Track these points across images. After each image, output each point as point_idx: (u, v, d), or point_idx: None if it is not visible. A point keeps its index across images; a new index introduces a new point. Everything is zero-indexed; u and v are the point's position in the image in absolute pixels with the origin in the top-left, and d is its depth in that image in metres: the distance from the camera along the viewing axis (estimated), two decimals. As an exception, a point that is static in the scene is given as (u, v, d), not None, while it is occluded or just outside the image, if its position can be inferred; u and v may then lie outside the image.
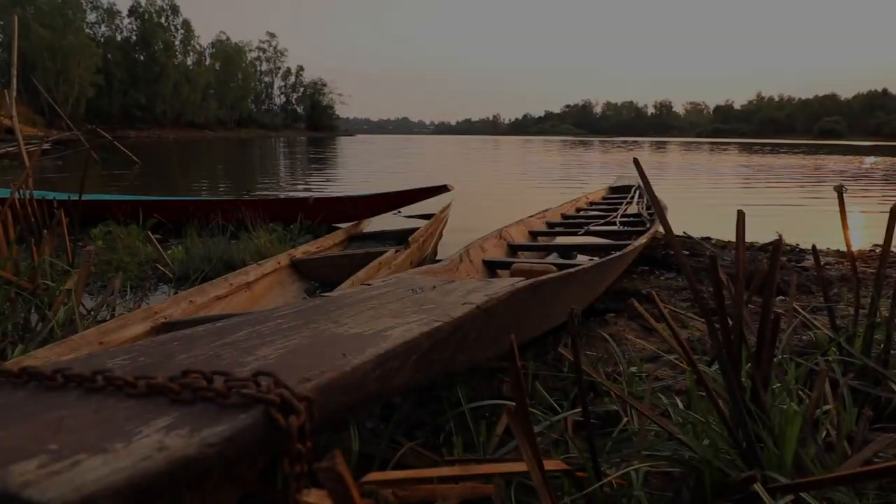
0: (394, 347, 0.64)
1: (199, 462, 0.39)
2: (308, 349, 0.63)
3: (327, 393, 0.51)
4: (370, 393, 0.61)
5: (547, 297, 1.44)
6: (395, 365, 0.65)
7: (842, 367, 1.33)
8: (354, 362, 0.58)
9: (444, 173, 11.74)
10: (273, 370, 0.51)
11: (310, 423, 0.46)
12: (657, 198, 0.97)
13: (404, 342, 0.67)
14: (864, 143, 62.86)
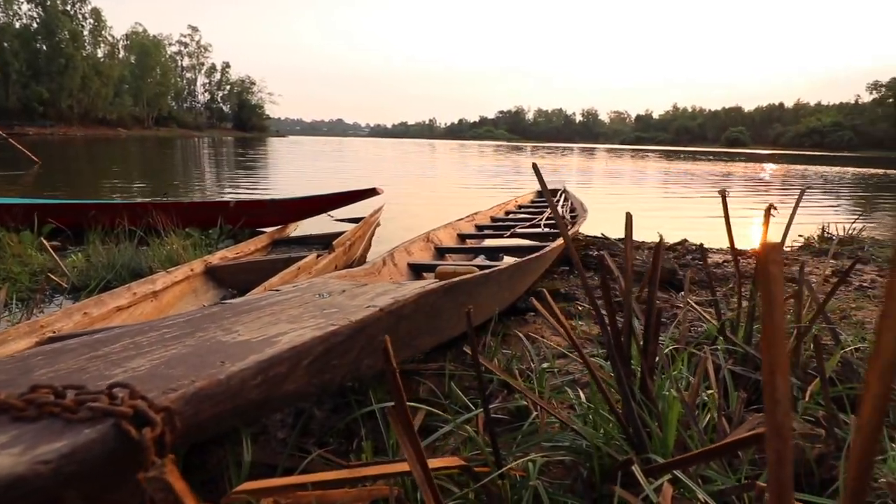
0: (279, 353, 0.63)
1: (30, 481, 0.36)
2: (186, 358, 0.60)
3: (195, 403, 0.49)
4: (252, 400, 0.60)
5: (463, 297, 1.47)
6: (281, 371, 0.64)
7: (727, 354, 1.46)
8: (231, 370, 0.56)
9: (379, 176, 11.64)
10: (137, 382, 0.49)
11: (170, 434, 0.44)
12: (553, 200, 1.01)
13: (292, 347, 0.66)
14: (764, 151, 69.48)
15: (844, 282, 2.55)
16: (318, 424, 1.26)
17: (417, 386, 1.46)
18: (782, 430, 0.28)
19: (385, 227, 4.31)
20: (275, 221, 3.65)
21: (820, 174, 18.94)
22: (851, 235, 4.06)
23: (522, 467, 0.92)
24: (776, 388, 0.28)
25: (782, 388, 0.28)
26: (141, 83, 68.88)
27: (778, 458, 0.27)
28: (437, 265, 2.34)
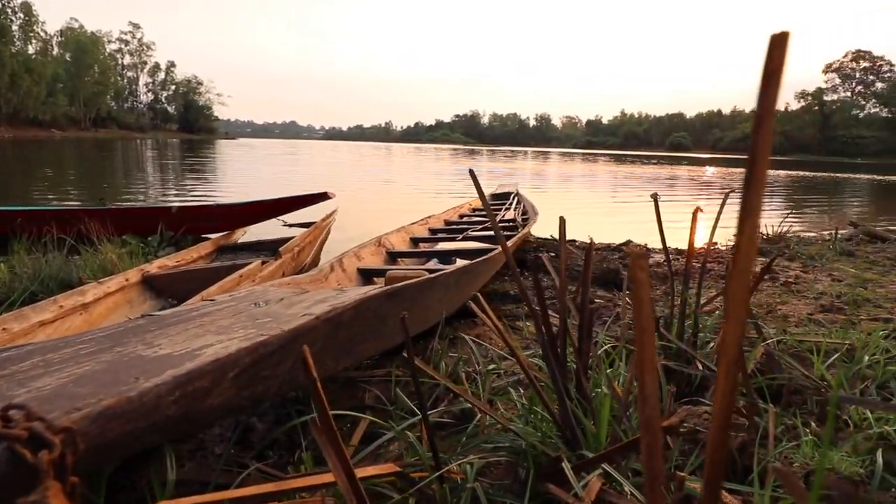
0: (200, 366, 0.61)
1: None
2: (97, 376, 0.57)
3: (102, 422, 0.47)
4: (171, 417, 0.58)
5: (408, 303, 1.47)
6: (204, 385, 0.62)
7: (661, 350, 1.53)
8: (144, 386, 0.54)
9: (334, 180, 11.47)
10: (39, 402, 0.46)
11: (71, 456, 0.42)
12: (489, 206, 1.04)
13: (216, 360, 0.64)
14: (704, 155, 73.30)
15: (766, 278, 2.72)
16: (258, 437, 1.23)
17: (363, 393, 1.45)
18: (652, 425, 0.29)
19: (340, 231, 4.25)
20: (221, 227, 3.53)
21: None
22: (780, 234, 4.35)
23: (462, 470, 0.93)
24: (645, 385, 0.30)
25: (651, 385, 0.29)
26: (77, 82, 64.90)
27: (649, 451, 0.29)
28: (388, 270, 2.34)
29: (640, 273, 0.29)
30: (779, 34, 0.22)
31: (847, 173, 27.61)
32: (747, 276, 0.25)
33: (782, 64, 0.22)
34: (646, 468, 0.30)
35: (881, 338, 1.66)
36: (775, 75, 0.23)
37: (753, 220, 0.24)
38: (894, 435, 1.07)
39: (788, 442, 1.07)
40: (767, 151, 0.24)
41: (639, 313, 0.29)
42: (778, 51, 0.22)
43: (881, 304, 2.24)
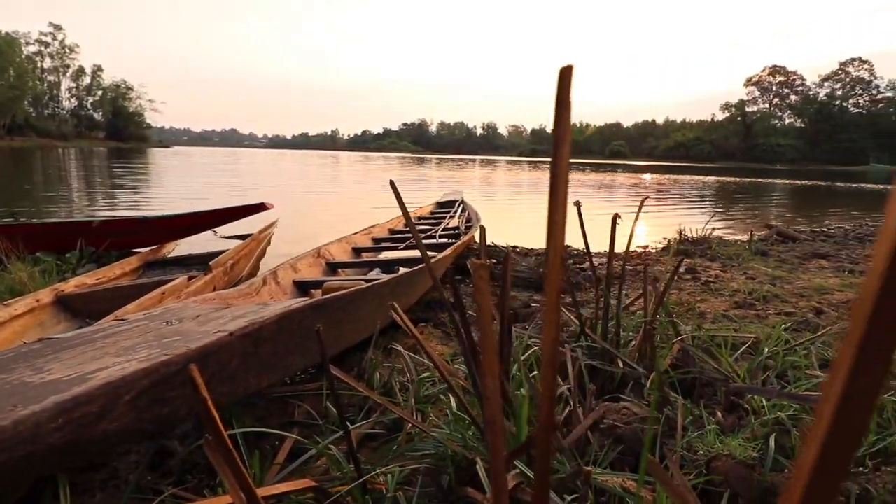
0: (88, 391, 0.59)
1: None
2: (-31, 407, 0.53)
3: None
4: (55, 445, 0.55)
5: (338, 314, 1.46)
6: (92, 410, 0.59)
7: (587, 350, 1.60)
8: (20, 415, 0.51)
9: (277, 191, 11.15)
10: None
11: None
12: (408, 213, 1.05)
13: (106, 383, 0.61)
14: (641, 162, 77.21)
15: (689, 279, 2.90)
16: (177, 461, 1.18)
17: (293, 408, 1.42)
18: (495, 424, 0.32)
19: (285, 244, 4.14)
20: (148, 241, 3.35)
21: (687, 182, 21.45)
22: (704, 236, 4.65)
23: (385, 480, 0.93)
24: (487, 386, 0.32)
25: (492, 386, 0.32)
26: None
27: (494, 449, 0.31)
28: (326, 281, 2.30)
29: (480, 282, 0.31)
30: (565, 67, 0.25)
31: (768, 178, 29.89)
32: (558, 284, 0.27)
33: (569, 93, 0.25)
34: (493, 466, 0.32)
35: (783, 330, 1.82)
36: (565, 103, 0.25)
37: (559, 236, 0.27)
38: (787, 420, 1.17)
39: (695, 432, 1.15)
40: (566, 172, 0.26)
41: (481, 320, 0.31)
42: (565, 82, 0.25)
43: (787, 299, 2.44)
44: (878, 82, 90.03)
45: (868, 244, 4.74)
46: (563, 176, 0.26)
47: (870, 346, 0.15)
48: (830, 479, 0.16)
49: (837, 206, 11.52)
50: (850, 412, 0.16)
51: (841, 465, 0.16)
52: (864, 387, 0.15)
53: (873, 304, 0.15)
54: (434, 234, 4.13)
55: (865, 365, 0.15)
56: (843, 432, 0.16)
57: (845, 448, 0.16)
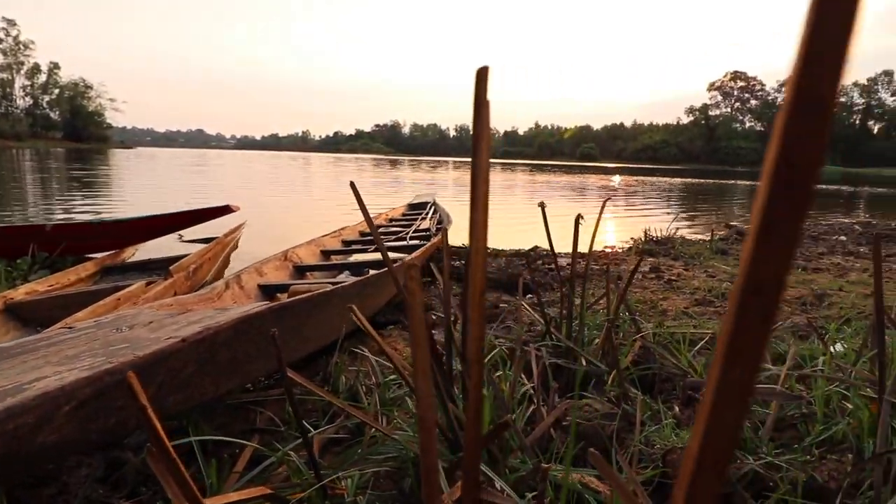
0: (22, 402, 0.56)
1: None
2: None
3: None
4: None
5: (301, 318, 1.44)
6: (28, 421, 0.57)
7: (552, 349, 1.62)
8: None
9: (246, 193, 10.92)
10: None
11: None
12: (369, 216, 1.05)
13: (43, 394, 0.59)
14: (611, 164, 78.90)
15: (652, 277, 2.98)
16: (132, 472, 1.14)
17: (255, 415, 1.39)
18: (427, 423, 0.32)
19: (254, 248, 4.05)
20: (107, 246, 3.23)
21: (655, 183, 22.02)
22: (669, 236, 4.78)
23: (346, 485, 0.92)
24: (419, 387, 0.32)
25: (424, 387, 0.32)
26: (-66, 84, 56.60)
27: (425, 448, 0.31)
28: (292, 285, 2.27)
29: (411, 283, 0.31)
30: (481, 69, 0.25)
31: (730, 180, 30.94)
32: (481, 285, 0.28)
33: (486, 93, 0.25)
34: (423, 465, 0.32)
35: (739, 326, 1.88)
36: (484, 105, 0.25)
37: (480, 236, 0.27)
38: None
39: (653, 426, 1.17)
40: (486, 171, 0.26)
41: (413, 322, 0.31)
42: (482, 84, 0.25)
43: (744, 295, 2.53)
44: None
45: (821, 242, 4.96)
46: (483, 175, 0.26)
47: (738, 342, 0.16)
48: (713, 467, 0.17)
49: (794, 206, 11.99)
50: (725, 405, 0.16)
51: (721, 453, 0.17)
52: (736, 380, 0.16)
53: (739, 301, 0.15)
54: (405, 236, 4.12)
55: (735, 359, 0.16)
56: (720, 424, 0.17)
57: (723, 439, 0.17)
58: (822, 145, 0.13)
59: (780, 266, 0.15)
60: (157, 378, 0.81)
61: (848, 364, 1.35)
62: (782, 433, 1.21)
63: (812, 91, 0.13)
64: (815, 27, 0.13)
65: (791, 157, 0.14)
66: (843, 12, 0.12)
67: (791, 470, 1.02)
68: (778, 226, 0.14)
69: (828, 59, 0.13)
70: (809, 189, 0.14)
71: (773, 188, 0.14)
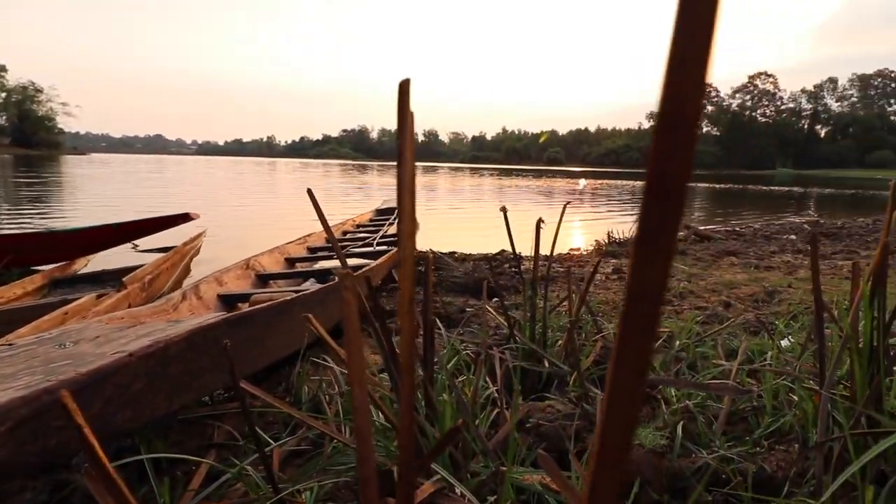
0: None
1: None
2: None
3: None
4: None
5: (261, 328, 1.41)
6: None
7: (517, 352, 1.64)
8: None
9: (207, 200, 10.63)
10: None
11: None
12: (327, 223, 1.04)
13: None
14: (577, 168, 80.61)
15: (615, 278, 3.06)
16: (79, 495, 1.08)
17: (213, 430, 1.35)
18: (364, 433, 0.31)
19: (217, 256, 3.94)
20: (56, 257, 3.08)
21: (619, 187, 22.60)
22: (630, 237, 4.91)
23: (305, 498, 0.90)
24: (356, 396, 0.32)
25: (361, 397, 0.31)
26: None
27: (363, 458, 0.31)
28: (254, 294, 2.22)
29: (347, 293, 0.31)
30: (403, 81, 0.25)
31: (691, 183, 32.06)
32: (410, 291, 0.28)
33: (409, 104, 0.25)
34: (361, 475, 0.32)
35: (695, 323, 1.95)
36: (407, 116, 0.26)
37: (408, 244, 0.27)
38: (694, 408, 1.25)
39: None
40: (412, 180, 0.27)
41: (348, 332, 0.31)
42: (405, 96, 0.25)
43: (701, 294, 2.62)
44: (782, 94, 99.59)
45: (773, 241, 5.19)
46: (408, 185, 0.27)
47: (626, 346, 0.16)
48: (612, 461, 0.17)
49: (749, 207, 12.56)
50: (619, 404, 0.17)
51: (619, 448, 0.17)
52: (627, 381, 0.17)
53: (624, 308, 0.16)
54: (372, 241, 4.09)
55: (625, 362, 0.17)
56: (615, 422, 0.17)
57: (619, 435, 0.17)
58: (689, 160, 0.14)
59: (659, 273, 0.15)
60: (104, 395, 0.78)
61: (794, 358, 1.42)
62: (735, 426, 1.25)
63: (677, 111, 0.14)
64: (676, 57, 0.14)
65: (661, 172, 0.14)
66: (700, 45, 0.13)
67: (742, 462, 1.06)
68: (654, 236, 0.15)
69: (689, 84, 0.14)
70: (679, 201, 0.15)
71: (647, 201, 0.15)
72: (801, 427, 1.17)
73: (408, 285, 0.28)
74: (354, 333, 0.31)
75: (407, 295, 0.27)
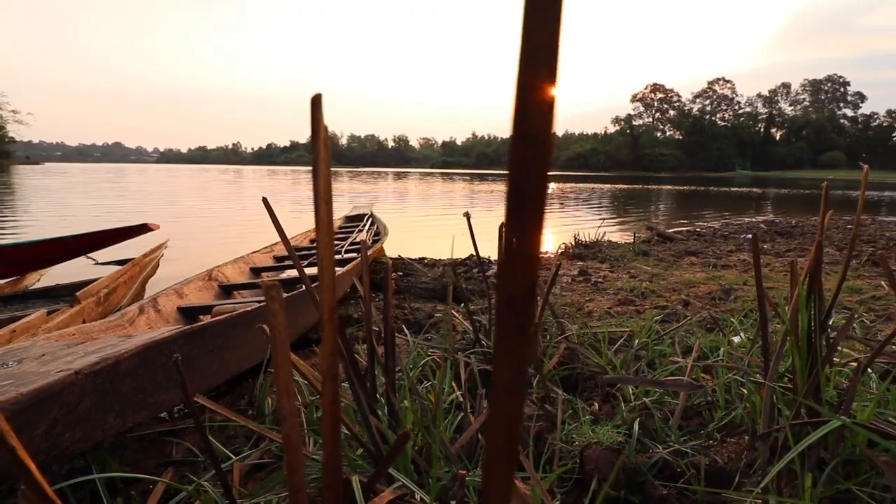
0: None
1: None
2: None
3: None
4: None
5: (220, 340, 1.38)
6: None
7: (483, 356, 1.65)
8: None
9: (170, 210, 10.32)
10: None
11: None
12: (284, 234, 1.03)
13: None
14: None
15: (580, 280, 3.12)
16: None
17: (172, 447, 1.31)
18: (292, 442, 0.32)
19: (181, 269, 3.83)
20: (5, 272, 2.94)
21: (587, 190, 23.04)
22: (597, 240, 5.02)
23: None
24: (283, 406, 0.32)
25: (288, 407, 0.32)
26: None
27: (292, 467, 0.31)
28: (216, 305, 2.16)
29: (273, 304, 0.31)
30: (315, 97, 0.26)
31: (655, 185, 32.98)
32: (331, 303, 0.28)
33: (322, 119, 0.26)
34: (290, 481, 0.32)
35: (655, 322, 2.00)
36: (321, 130, 0.26)
37: (327, 256, 0.28)
38: (651, 404, 1.29)
39: (573, 424, 1.22)
40: (329, 192, 0.27)
41: (275, 340, 0.31)
42: (317, 111, 0.26)
43: (662, 293, 2.70)
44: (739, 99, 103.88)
45: (731, 240, 5.39)
46: (325, 196, 0.27)
47: (502, 349, 0.17)
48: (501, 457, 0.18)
49: (710, 208, 13.00)
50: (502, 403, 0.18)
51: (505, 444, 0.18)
52: (506, 382, 0.18)
53: (497, 314, 0.17)
54: (340, 249, 4.06)
55: (503, 363, 0.18)
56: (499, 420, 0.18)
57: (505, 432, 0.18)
58: (543, 174, 0.15)
59: (525, 280, 0.16)
60: (48, 415, 0.75)
61: (745, 353, 1.48)
62: (690, 421, 1.30)
63: (529, 129, 0.15)
64: (524, 81, 0.15)
65: (519, 184, 0.15)
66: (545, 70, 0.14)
67: (695, 455, 1.10)
68: (517, 245, 0.16)
69: (538, 105, 0.15)
70: (539, 212, 0.16)
71: (509, 212, 0.16)
72: (752, 419, 1.22)
73: (328, 296, 0.28)
74: (281, 343, 0.32)
75: (328, 304, 0.28)
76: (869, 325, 2.08)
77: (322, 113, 0.26)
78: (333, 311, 0.29)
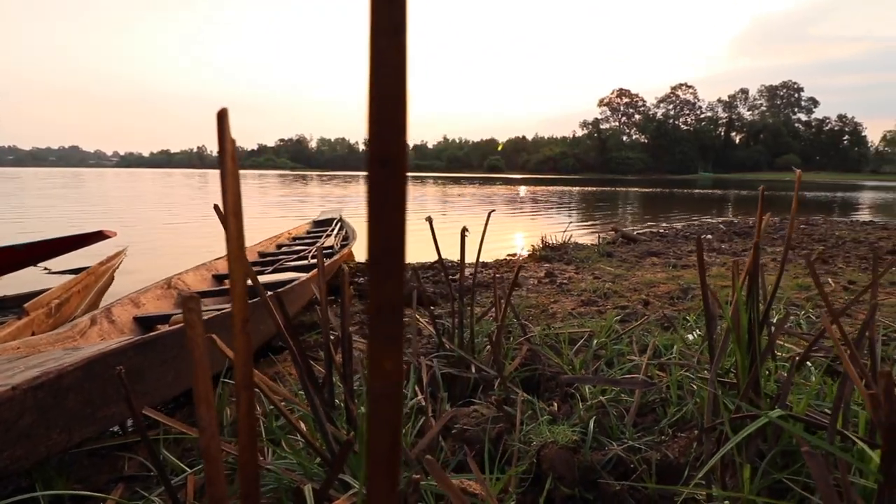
0: None
1: None
2: None
3: None
4: None
5: (174, 350, 1.35)
6: None
7: (445, 359, 1.66)
8: None
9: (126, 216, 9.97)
10: None
11: None
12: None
13: None
14: (516, 175, 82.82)
15: (546, 282, 3.17)
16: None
17: (124, 462, 1.27)
18: (211, 453, 0.32)
19: (141, 278, 3.70)
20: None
21: (556, 193, 23.41)
22: (564, 242, 5.11)
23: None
24: (201, 416, 0.32)
25: (208, 417, 0.32)
26: None
27: (211, 479, 0.32)
28: (175, 314, 2.11)
29: (191, 315, 0.31)
30: (221, 111, 0.26)
31: (622, 187, 33.78)
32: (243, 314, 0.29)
33: (229, 132, 0.27)
34: (209, 493, 0.32)
35: (615, 322, 2.06)
36: (228, 143, 0.27)
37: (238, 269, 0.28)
38: (607, 403, 1.32)
39: (532, 425, 1.25)
40: (238, 204, 0.28)
41: (194, 352, 0.31)
42: (223, 124, 0.26)
43: (623, 294, 2.77)
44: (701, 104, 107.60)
45: (691, 241, 5.57)
46: (234, 209, 0.28)
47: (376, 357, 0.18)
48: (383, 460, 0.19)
49: (674, 209, 13.40)
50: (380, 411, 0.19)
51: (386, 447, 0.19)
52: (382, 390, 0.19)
53: (369, 323, 0.18)
54: (307, 254, 4.01)
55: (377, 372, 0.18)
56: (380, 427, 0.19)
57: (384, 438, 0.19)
58: (401, 195, 0.16)
59: (392, 291, 0.17)
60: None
61: (696, 351, 1.54)
62: (645, 418, 1.34)
63: (384, 152, 0.16)
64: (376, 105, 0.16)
65: (376, 203, 0.16)
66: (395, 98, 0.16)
67: (648, 451, 1.13)
68: (382, 258, 0.17)
69: (392, 129, 0.16)
70: (399, 228, 0.17)
71: (370, 228, 0.17)
72: (701, 414, 1.26)
73: (240, 306, 0.28)
74: (200, 354, 0.32)
75: (240, 314, 0.28)
76: (815, 321, 2.18)
77: (229, 127, 0.27)
78: (246, 321, 0.29)
